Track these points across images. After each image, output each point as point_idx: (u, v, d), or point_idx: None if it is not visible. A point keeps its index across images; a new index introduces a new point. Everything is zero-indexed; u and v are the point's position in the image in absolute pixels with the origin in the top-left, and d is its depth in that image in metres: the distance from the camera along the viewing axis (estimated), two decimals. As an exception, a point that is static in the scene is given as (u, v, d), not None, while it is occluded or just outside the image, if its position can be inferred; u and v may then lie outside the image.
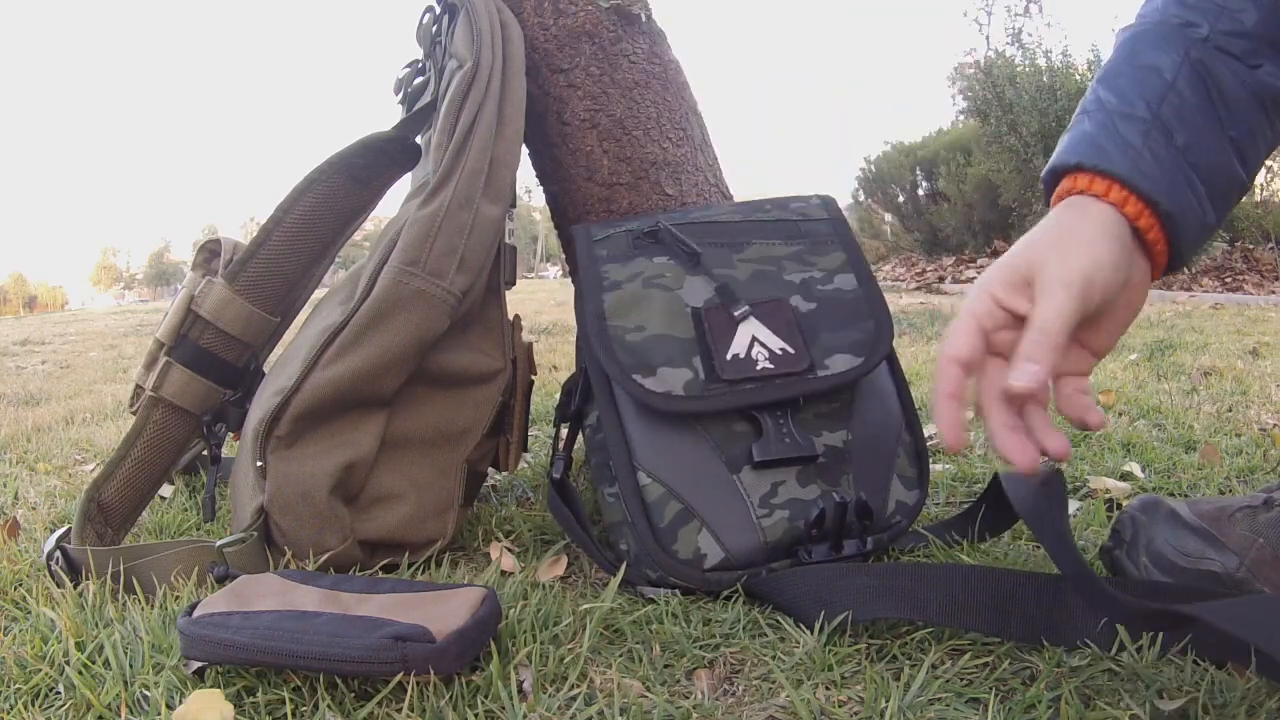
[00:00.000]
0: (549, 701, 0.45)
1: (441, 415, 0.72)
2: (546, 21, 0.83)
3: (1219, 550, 0.53)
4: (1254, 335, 2.01)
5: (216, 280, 0.72)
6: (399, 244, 0.68)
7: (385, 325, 0.66)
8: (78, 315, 6.94)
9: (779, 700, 0.45)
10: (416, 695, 0.45)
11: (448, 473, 0.71)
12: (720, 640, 0.52)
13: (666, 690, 0.47)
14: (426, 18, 0.83)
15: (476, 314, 0.75)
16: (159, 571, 0.63)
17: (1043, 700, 0.43)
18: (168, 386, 0.72)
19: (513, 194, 0.75)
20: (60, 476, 1.08)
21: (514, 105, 0.74)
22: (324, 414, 0.66)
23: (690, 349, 0.64)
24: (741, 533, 0.59)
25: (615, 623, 0.55)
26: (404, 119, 0.81)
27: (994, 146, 4.91)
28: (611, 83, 0.83)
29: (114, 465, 0.72)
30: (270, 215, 0.74)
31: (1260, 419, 1.09)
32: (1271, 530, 0.53)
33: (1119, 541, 0.57)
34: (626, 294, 0.67)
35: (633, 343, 0.64)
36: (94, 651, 0.52)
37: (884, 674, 0.47)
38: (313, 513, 0.65)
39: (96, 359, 3.06)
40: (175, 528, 0.82)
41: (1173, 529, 0.55)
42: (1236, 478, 0.85)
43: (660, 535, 0.60)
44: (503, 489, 0.92)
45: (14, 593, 0.65)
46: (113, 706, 0.47)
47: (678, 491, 0.61)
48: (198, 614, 0.48)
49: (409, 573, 0.67)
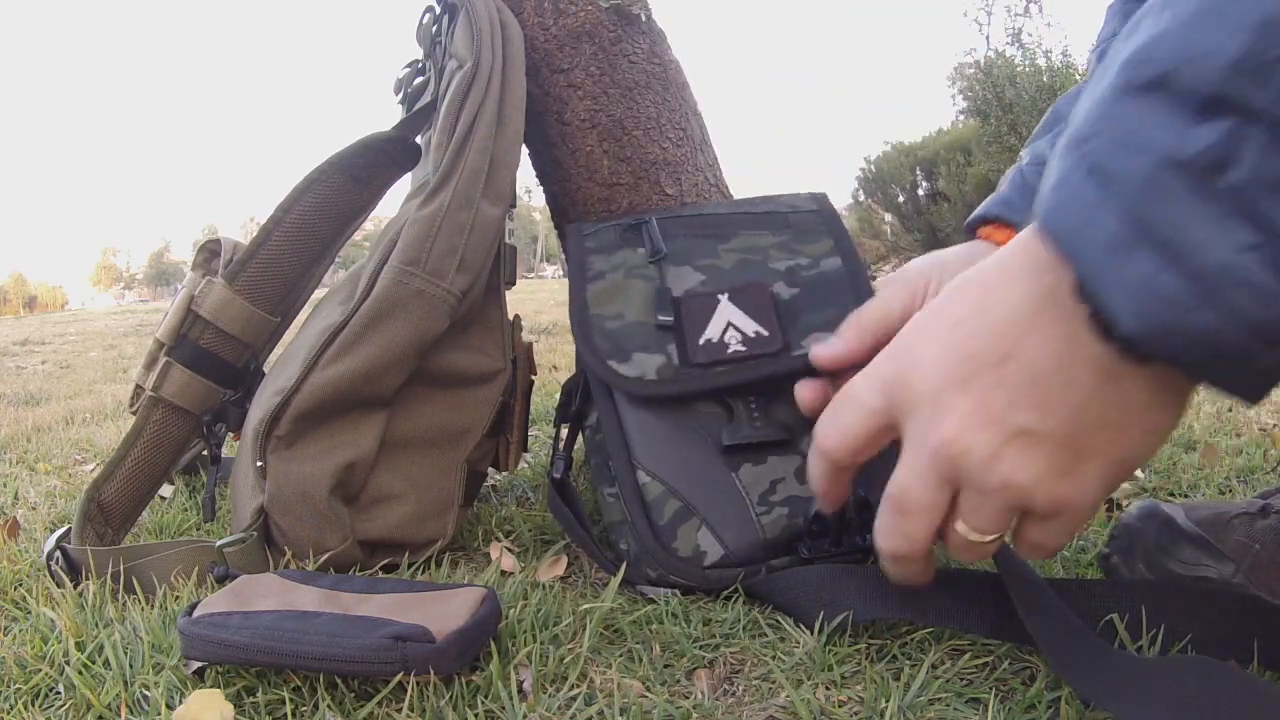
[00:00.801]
0: (549, 701, 0.45)
1: (441, 415, 0.72)
2: (546, 21, 0.83)
3: (1215, 557, 0.53)
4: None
5: (216, 280, 0.72)
6: (399, 244, 0.68)
7: (385, 325, 0.67)
8: (78, 315, 6.94)
9: (779, 700, 0.45)
10: (416, 695, 0.45)
11: (448, 473, 0.72)
12: (720, 640, 0.52)
13: (666, 690, 0.47)
14: (426, 18, 0.83)
15: (476, 314, 0.75)
16: (159, 571, 0.63)
17: (1043, 700, 0.43)
18: (168, 386, 0.72)
19: (513, 194, 0.75)
20: (60, 476, 1.08)
21: (514, 105, 0.74)
22: (324, 414, 0.66)
23: (666, 336, 0.64)
24: (741, 530, 0.59)
25: (615, 623, 0.55)
26: (404, 119, 0.81)
27: (994, 146, 4.92)
28: (612, 83, 0.83)
29: (114, 465, 0.72)
30: (270, 215, 0.74)
31: (1260, 419, 1.09)
32: (1268, 537, 0.53)
33: (1116, 549, 0.57)
34: (609, 283, 0.68)
35: (610, 329, 0.65)
36: (94, 651, 0.52)
37: (884, 674, 0.47)
38: (313, 513, 0.65)
39: (96, 359, 3.06)
40: (175, 528, 0.82)
41: (1169, 536, 0.55)
42: (1236, 478, 0.85)
43: (660, 533, 0.60)
44: (503, 489, 0.92)
45: (14, 593, 0.65)
46: (113, 706, 0.47)
47: (677, 489, 0.61)
48: (198, 614, 0.48)
49: (409, 573, 0.67)
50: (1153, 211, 0.30)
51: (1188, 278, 0.29)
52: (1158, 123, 0.30)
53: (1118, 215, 0.30)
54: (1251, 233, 0.28)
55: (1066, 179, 0.33)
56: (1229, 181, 0.28)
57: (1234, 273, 0.28)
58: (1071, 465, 0.36)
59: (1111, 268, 0.31)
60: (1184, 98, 0.29)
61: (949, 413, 0.37)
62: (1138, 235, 0.30)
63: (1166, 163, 0.29)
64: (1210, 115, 0.28)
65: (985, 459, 0.37)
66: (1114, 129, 0.31)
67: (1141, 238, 0.30)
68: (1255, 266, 0.28)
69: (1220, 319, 0.29)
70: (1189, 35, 0.29)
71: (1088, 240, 0.32)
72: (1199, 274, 0.29)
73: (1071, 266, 0.33)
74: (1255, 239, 0.28)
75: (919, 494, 0.38)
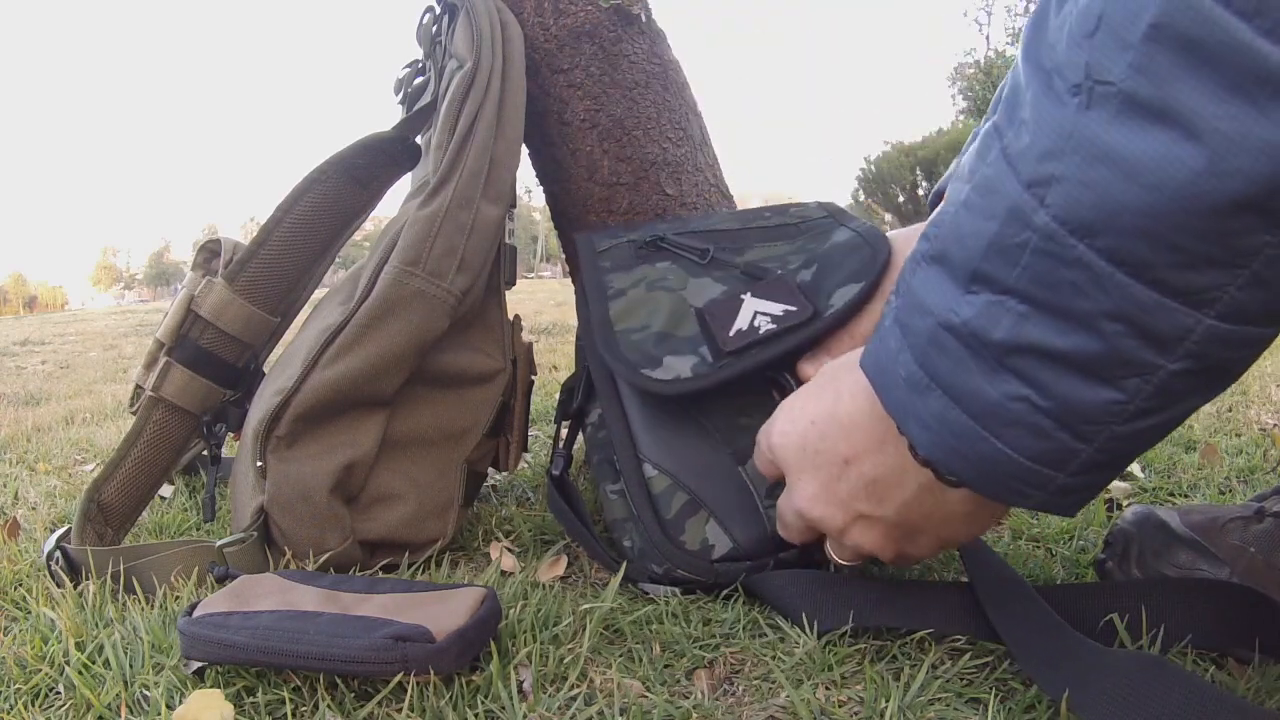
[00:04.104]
0: (549, 701, 0.45)
1: (441, 415, 0.72)
2: (547, 21, 0.83)
3: (1210, 561, 0.53)
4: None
5: (216, 280, 0.72)
6: (399, 244, 0.68)
7: (385, 325, 0.67)
8: (78, 315, 6.95)
9: (779, 700, 0.45)
10: (416, 695, 0.45)
11: (448, 473, 0.72)
12: (720, 640, 0.52)
13: (666, 690, 0.47)
14: (426, 18, 0.83)
15: (476, 314, 0.75)
16: (159, 571, 0.63)
17: (1043, 700, 0.43)
18: (168, 386, 0.72)
19: (513, 194, 0.75)
20: (60, 476, 1.08)
21: (514, 105, 0.74)
22: (324, 414, 0.66)
23: (696, 340, 0.64)
24: (749, 524, 0.59)
25: (615, 623, 0.55)
26: (404, 119, 0.81)
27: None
28: (612, 83, 0.83)
29: (114, 465, 0.72)
30: (270, 215, 0.74)
31: (1260, 419, 1.09)
32: (1263, 541, 0.53)
33: (1112, 554, 0.57)
34: (631, 299, 0.67)
35: (638, 341, 0.64)
36: (94, 651, 0.52)
37: (884, 674, 0.47)
38: (313, 513, 0.65)
39: (96, 359, 3.07)
40: (175, 528, 0.82)
41: (1163, 541, 0.55)
42: (1236, 478, 0.85)
43: (667, 526, 0.60)
44: (503, 489, 0.92)
45: (14, 593, 0.65)
46: (113, 706, 0.47)
47: (685, 482, 0.61)
48: (198, 614, 0.48)
49: (409, 573, 0.67)
50: (936, 363, 0.36)
51: (970, 416, 0.35)
52: (937, 290, 0.36)
53: (910, 362, 0.37)
54: (1018, 385, 0.33)
55: (882, 325, 0.40)
56: (993, 342, 0.33)
57: (1007, 415, 0.34)
58: (906, 538, 0.46)
59: (911, 404, 0.38)
60: (954, 272, 0.35)
61: (804, 488, 0.48)
62: (929, 379, 0.36)
63: (943, 325, 0.35)
64: (974, 289, 0.34)
65: (836, 529, 0.48)
66: (909, 290, 0.38)
67: (931, 382, 0.36)
68: (1025, 411, 0.33)
69: (1001, 449, 0.35)
70: (958, 218, 0.35)
71: (893, 379, 0.39)
72: (978, 415, 0.35)
73: (883, 401, 0.40)
74: (1022, 390, 0.33)
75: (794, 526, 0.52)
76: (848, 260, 0.66)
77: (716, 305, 0.65)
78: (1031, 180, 0.31)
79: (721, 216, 0.76)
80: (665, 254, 0.70)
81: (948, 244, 0.35)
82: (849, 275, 0.64)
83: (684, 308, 0.66)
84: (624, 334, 0.65)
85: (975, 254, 0.33)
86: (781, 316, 0.63)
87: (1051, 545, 0.68)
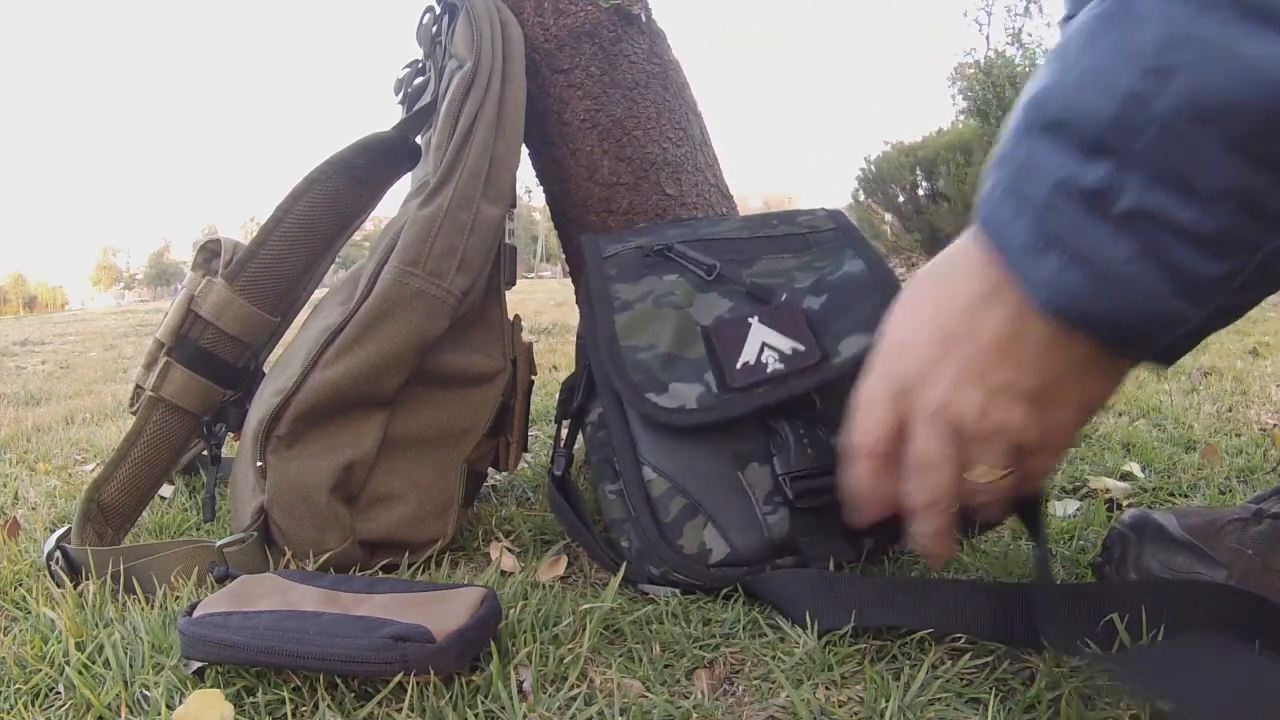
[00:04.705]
0: (549, 701, 0.45)
1: (441, 415, 0.72)
2: (547, 21, 0.83)
3: (1207, 564, 0.53)
4: (1254, 335, 2.01)
5: (216, 280, 0.72)
6: (399, 244, 0.68)
7: (385, 325, 0.67)
8: (78, 315, 6.95)
9: (779, 700, 0.45)
10: (416, 695, 0.45)
11: (448, 473, 0.72)
12: (720, 640, 0.52)
13: (666, 690, 0.47)
14: (426, 18, 0.83)
15: (476, 314, 0.75)
16: (159, 571, 0.63)
17: (1043, 700, 0.43)
18: (168, 386, 0.72)
19: (513, 194, 0.75)
20: (60, 476, 1.08)
21: (514, 105, 0.74)
22: (324, 414, 0.66)
23: (702, 365, 0.64)
24: (747, 529, 0.59)
25: (615, 623, 0.55)
26: (404, 119, 0.81)
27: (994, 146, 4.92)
28: (612, 83, 0.83)
29: (114, 465, 0.72)
30: (270, 215, 0.74)
31: (1260, 419, 1.09)
32: (1260, 543, 0.53)
33: (1109, 558, 0.58)
34: (638, 313, 0.67)
35: (644, 361, 0.64)
36: (94, 651, 0.52)
37: (884, 674, 0.47)
38: (313, 513, 0.65)
39: (96, 359, 3.07)
40: (175, 528, 0.82)
41: (1161, 545, 0.55)
42: (1236, 478, 0.85)
43: (665, 530, 0.60)
44: (503, 489, 0.92)
45: (14, 593, 0.65)
46: (113, 706, 0.47)
47: (683, 486, 0.61)
48: (198, 614, 0.48)
49: (409, 573, 0.67)
50: (1053, 226, 0.37)
51: (1088, 276, 0.37)
52: (1054, 157, 0.37)
53: (1027, 226, 0.38)
54: (1140, 248, 0.35)
55: (991, 194, 0.41)
56: (1119, 208, 0.35)
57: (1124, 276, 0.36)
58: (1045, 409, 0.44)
59: (1027, 266, 0.39)
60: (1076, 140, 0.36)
61: (939, 382, 0.45)
62: (1045, 242, 0.38)
63: (1061, 188, 0.37)
64: (1097, 156, 0.35)
65: (978, 414, 0.45)
66: (1021, 157, 0.39)
67: (1048, 245, 0.37)
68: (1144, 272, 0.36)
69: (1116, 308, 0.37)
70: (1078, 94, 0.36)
71: (1008, 243, 0.40)
72: (1098, 275, 0.36)
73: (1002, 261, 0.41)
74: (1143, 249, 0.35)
75: (935, 451, 0.46)
76: (859, 304, 0.66)
77: (724, 325, 0.65)
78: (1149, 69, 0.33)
79: (730, 223, 0.75)
80: (672, 265, 0.70)
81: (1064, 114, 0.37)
82: (858, 323, 0.64)
83: (691, 326, 0.66)
84: (630, 351, 0.65)
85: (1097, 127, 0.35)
86: (790, 356, 0.63)
87: (1051, 545, 0.68)
